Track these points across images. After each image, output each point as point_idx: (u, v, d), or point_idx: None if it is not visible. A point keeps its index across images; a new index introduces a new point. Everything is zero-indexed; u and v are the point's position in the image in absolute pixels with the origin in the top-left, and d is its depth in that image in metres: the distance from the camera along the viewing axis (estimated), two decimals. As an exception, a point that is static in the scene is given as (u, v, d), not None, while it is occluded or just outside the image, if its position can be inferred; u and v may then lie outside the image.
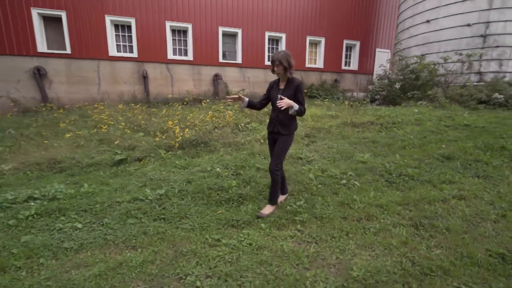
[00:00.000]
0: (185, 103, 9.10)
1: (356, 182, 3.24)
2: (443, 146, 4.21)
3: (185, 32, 10.34)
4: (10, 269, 2.02)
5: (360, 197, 2.86)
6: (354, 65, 13.12)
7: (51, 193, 3.01)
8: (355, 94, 11.48)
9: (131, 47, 9.77)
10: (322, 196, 2.93)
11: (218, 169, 3.66)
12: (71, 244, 2.27)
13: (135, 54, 9.66)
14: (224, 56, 10.92)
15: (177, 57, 10.24)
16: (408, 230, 2.28)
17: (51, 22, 9.05)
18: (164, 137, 4.65)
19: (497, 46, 7.86)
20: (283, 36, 11.45)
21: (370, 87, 9.08)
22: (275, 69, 2.52)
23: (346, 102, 7.78)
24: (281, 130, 2.58)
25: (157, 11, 9.64)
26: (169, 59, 10.08)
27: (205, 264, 1.98)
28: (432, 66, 7.58)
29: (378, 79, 9.39)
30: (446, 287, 1.62)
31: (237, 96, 2.69)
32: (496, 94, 6.40)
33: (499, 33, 7.83)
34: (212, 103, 8.34)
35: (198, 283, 1.80)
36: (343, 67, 12.85)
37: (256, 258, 2.01)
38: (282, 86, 2.59)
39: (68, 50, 8.93)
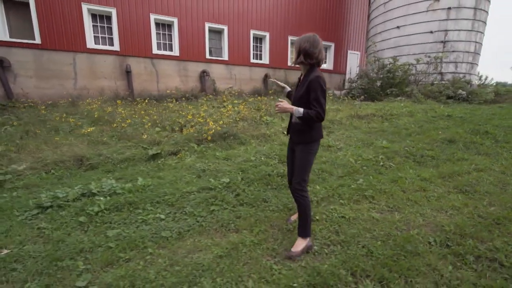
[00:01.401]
0: (173, 100, 8.78)
1: (391, 163, 3.70)
2: (440, 132, 4.96)
3: (170, 26, 9.95)
4: (118, 262, 1.92)
5: (404, 174, 3.30)
6: (329, 65, 14.09)
7: (107, 189, 2.81)
8: (331, 91, 12.37)
9: (111, 40, 9.05)
10: (371, 175, 3.30)
11: (262, 158, 3.79)
12: (167, 233, 2.22)
13: (116, 47, 8.98)
14: (210, 53, 10.79)
15: (163, 52, 9.80)
16: (459, 195, 2.77)
17: (16, 7, 7.90)
18: (191, 130, 4.55)
19: (454, 51, 9.34)
20: (267, 35, 11.77)
21: (353, 84, 9.92)
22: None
23: (345, 98, 8.40)
24: (295, 137, 2.04)
25: (140, 3, 9.10)
26: (154, 54, 9.59)
27: (317, 235, 2.15)
28: (407, 67, 8.67)
29: (357, 78, 10.31)
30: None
31: (282, 84, 2.39)
32: (460, 91, 7.67)
33: (454, 40, 9.31)
34: (208, 100, 8.23)
35: (325, 250, 1.98)
36: (321, 67, 13.68)
37: (359, 226, 2.25)
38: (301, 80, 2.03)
39: (38, 40, 7.90)
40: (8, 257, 1.95)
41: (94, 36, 8.83)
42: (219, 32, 10.94)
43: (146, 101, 7.60)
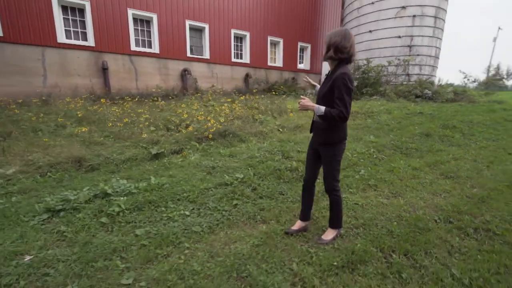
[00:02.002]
0: (155, 98, 8.50)
1: (382, 156, 4.08)
2: (416, 127, 5.54)
3: (148, 22, 9.58)
4: (157, 258, 1.94)
5: (396, 165, 3.68)
6: (306, 65, 14.64)
7: (121, 189, 2.74)
8: (309, 91, 12.90)
9: (85, 34, 8.46)
10: (370, 167, 3.62)
11: (266, 154, 3.93)
12: (198, 228, 2.26)
13: (91, 43, 8.42)
14: (191, 51, 10.61)
15: (142, 49, 9.41)
16: (447, 180, 3.18)
17: (-30, -6, 7.02)
18: (190, 129, 4.52)
19: (418, 55, 10.34)
20: (248, 34, 11.88)
21: (318, 86, 10.47)
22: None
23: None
24: (317, 137, 2.01)
25: (116, -4, 8.63)
26: (132, 51, 9.17)
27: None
28: (380, 68, 9.41)
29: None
30: (506, 207, 2.49)
31: (312, 82, 2.47)
32: (426, 90, 8.56)
33: (419, 44, 10.31)
34: (196, 98, 8.12)
35: (350, 233, 2.19)
36: (298, 67, 14.20)
37: (372, 211, 2.51)
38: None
39: (-1, 32, 7.13)
40: (35, 263, 1.85)
41: (66, 30, 8.19)
42: (200, 30, 10.80)
43: (136, 99, 7.26)
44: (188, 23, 10.21)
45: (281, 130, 5.23)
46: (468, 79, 13.13)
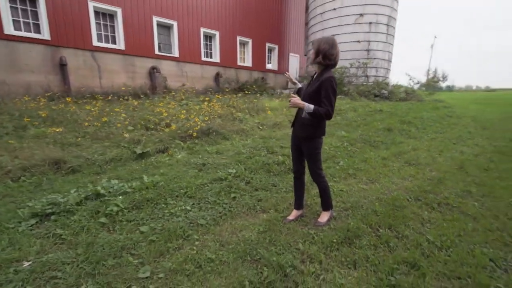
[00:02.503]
0: (123, 97, 8.09)
1: (355, 148, 4.53)
2: (379, 123, 6.21)
3: (112, 16, 9.01)
4: (168, 251, 1.99)
5: (368, 156, 4.14)
6: (274, 66, 15.11)
7: (114, 189, 2.66)
8: (278, 90, 13.38)
9: (38, 26, 7.65)
10: (346, 158, 4.02)
11: (252, 150, 4.09)
12: (203, 221, 2.35)
13: (46, 36, 7.64)
14: (159, 49, 10.24)
15: (105, 45, 8.81)
16: (411, 167, 3.71)
17: None
18: (173, 128, 4.46)
19: (375, 58, 11.43)
20: (217, 33, 11.86)
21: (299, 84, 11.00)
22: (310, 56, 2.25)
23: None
24: (300, 131, 2.21)
25: (75, -14, 7.96)
26: (94, 46, 8.54)
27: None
28: (343, 70, 10.20)
29: (302, 78, 11.48)
30: (458, 185, 3.03)
31: (295, 80, 2.52)
32: (383, 90, 9.55)
33: (375, 49, 11.40)
34: (170, 98, 7.91)
35: (342, 215, 2.48)
36: (267, 67, 14.58)
37: (356, 195, 2.85)
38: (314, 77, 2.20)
39: None
40: (37, 268, 1.76)
41: (14, 21, 7.30)
42: (168, 28, 10.48)
43: (108, 98, 6.80)
44: (155, 19, 9.84)
45: (261, 127, 5.43)
46: (413, 81, 14.95)
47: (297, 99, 2.08)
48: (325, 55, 2.02)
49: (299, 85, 2.52)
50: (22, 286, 1.62)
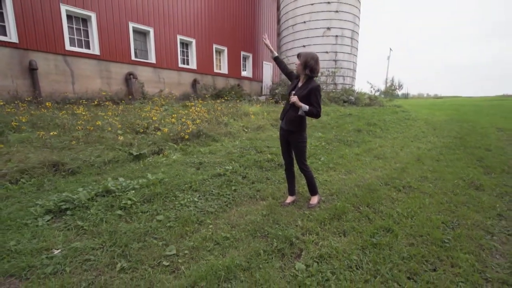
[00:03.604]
0: (100, 103, 7.93)
1: (332, 147, 5.12)
2: (350, 125, 6.96)
3: (86, 21, 8.81)
4: (187, 234, 2.25)
5: (344, 152, 4.73)
6: (249, 73, 15.66)
7: (122, 186, 2.83)
8: (254, 97, 13.92)
9: (4, 28, 7.24)
10: (326, 155, 4.56)
11: (242, 150, 4.45)
12: (211, 209, 2.65)
13: (13, 39, 7.26)
14: (136, 55, 10.16)
15: (79, 49, 8.57)
16: (379, 160, 4.35)
17: None
18: (165, 131, 4.64)
19: (342, 68, 12.54)
20: (193, 41, 12.08)
21: (276, 91, 11.63)
22: (296, 62, 2.60)
23: (270, 103, 9.82)
24: (289, 125, 2.62)
25: (46, -11, 7.71)
26: (67, 51, 8.27)
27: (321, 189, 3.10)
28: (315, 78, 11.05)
29: (277, 86, 12.16)
30: (417, 172, 3.68)
31: (271, 47, 2.85)
32: (351, 97, 10.55)
33: (341, 59, 12.53)
34: (153, 103, 7.94)
35: (329, 198, 2.94)
36: (242, 74, 15.08)
37: (337, 184, 3.34)
38: (300, 83, 2.62)
39: None
40: (69, 253, 1.93)
41: (-23, 22, 6.86)
42: (145, 34, 10.47)
43: (96, 103, 6.64)
44: (131, 25, 9.80)
45: (246, 130, 5.81)
46: (373, 89, 16.57)
47: (297, 99, 2.51)
48: (311, 69, 2.51)
49: (275, 53, 2.92)
50: (61, 267, 1.79)
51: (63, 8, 8.12)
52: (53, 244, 2.03)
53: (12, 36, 7.26)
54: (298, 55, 2.59)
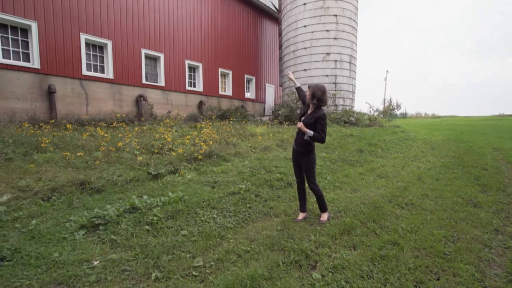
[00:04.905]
0: (105, 124, 8.30)
1: (336, 166, 5.38)
2: (352, 146, 7.26)
3: (102, 48, 9.45)
4: (210, 247, 2.47)
5: (348, 172, 4.99)
6: (252, 95, 16.28)
7: (146, 203, 3.06)
8: (258, 117, 14.39)
9: (27, 55, 7.81)
10: (331, 174, 4.82)
11: (253, 170, 4.71)
12: (230, 225, 2.87)
13: (35, 65, 7.80)
14: (146, 78, 10.74)
15: (94, 74, 9.11)
16: (382, 179, 4.60)
17: None
18: (180, 151, 4.93)
19: (341, 90, 13.11)
20: (200, 65, 12.76)
21: (279, 112, 12.07)
22: (307, 93, 2.94)
23: (274, 123, 10.20)
24: (299, 147, 2.92)
25: (69, 20, 8.39)
26: (84, 75, 8.80)
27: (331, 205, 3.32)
28: (316, 100, 11.55)
29: (280, 107, 12.65)
30: (418, 191, 3.92)
31: (293, 79, 3.30)
32: (351, 118, 10.96)
33: (341, 82, 13.13)
34: (165, 124, 8.31)
35: (337, 215, 3.16)
36: (246, 96, 15.68)
37: (344, 201, 3.57)
38: (309, 111, 2.92)
39: None
40: (108, 264, 2.13)
41: (4, 49, 7.41)
42: (155, 59, 11.13)
43: (105, 124, 6.99)
44: (143, 51, 10.46)
45: (253, 150, 6.11)
46: (372, 109, 17.12)
47: (302, 126, 2.84)
48: (319, 99, 2.84)
49: (298, 84, 3.31)
50: (103, 277, 1.99)
51: (83, 37, 8.77)
52: (91, 256, 2.24)
53: (35, 62, 7.80)
54: (309, 87, 2.96)
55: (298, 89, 3.28)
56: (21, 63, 7.63)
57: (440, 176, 4.79)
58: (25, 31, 7.79)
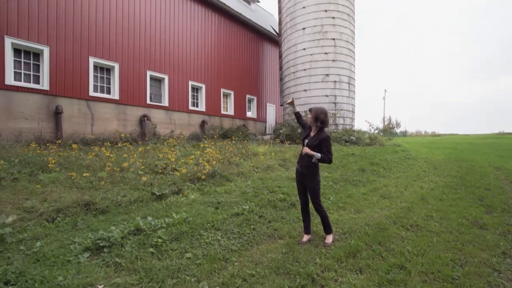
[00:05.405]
0: (110, 143, 8.40)
1: (339, 186, 5.39)
2: (354, 165, 7.29)
3: (109, 70, 9.80)
4: (215, 271, 2.44)
5: (351, 192, 4.98)
6: (253, 114, 16.55)
7: (151, 225, 3.06)
8: (259, 136, 14.53)
9: (37, 77, 8.10)
10: (334, 194, 4.82)
11: (256, 190, 4.72)
12: (234, 247, 2.85)
13: (45, 86, 8.06)
14: (151, 99, 11.02)
15: (100, 95, 9.38)
16: (385, 200, 4.59)
17: None
18: (184, 171, 4.97)
19: (341, 109, 13.35)
20: (203, 86, 13.12)
21: (280, 131, 12.22)
22: (308, 116, 3.04)
23: (275, 143, 10.31)
24: (304, 169, 2.97)
25: (79, 44, 8.79)
26: (90, 96, 9.06)
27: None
28: (317, 119, 11.73)
29: (281, 126, 12.83)
30: (422, 211, 3.90)
31: (292, 101, 3.32)
32: (352, 137, 11.08)
33: (340, 102, 13.41)
34: (168, 144, 8.41)
35: (342, 237, 3.13)
36: (247, 115, 15.94)
37: (349, 223, 3.55)
38: (312, 134, 3.01)
39: None
40: (112, 288, 2.11)
41: (16, 72, 7.70)
42: (160, 80, 11.48)
43: (110, 144, 7.10)
44: (149, 73, 10.82)
45: (256, 170, 6.14)
46: (372, 127, 17.29)
47: (309, 150, 2.90)
48: (323, 121, 2.94)
49: (297, 109, 3.39)
50: (108, 302, 1.97)
51: (92, 60, 9.13)
52: (95, 279, 2.22)
53: (45, 84, 8.07)
54: (310, 110, 3.07)
55: (297, 114, 3.36)
56: (31, 85, 7.90)
57: (444, 197, 4.78)
58: (37, 55, 8.13)
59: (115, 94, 9.78)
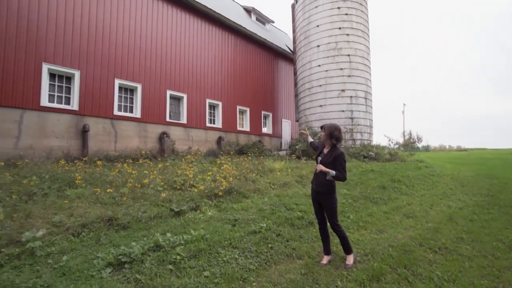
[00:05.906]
0: (131, 160, 8.71)
1: (359, 204, 5.21)
2: (373, 182, 7.05)
3: (132, 90, 10.40)
4: (237, 283, 2.40)
5: (372, 210, 4.80)
6: (269, 130, 16.67)
7: (171, 241, 3.10)
8: (275, 152, 14.51)
9: (68, 99, 8.74)
10: (354, 213, 4.65)
11: (272, 207, 4.67)
12: (252, 267, 2.80)
13: (74, 107, 8.67)
14: (170, 116, 11.47)
15: (123, 114, 9.92)
16: (410, 219, 4.36)
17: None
18: (202, 188, 5.05)
19: (358, 125, 13.14)
20: (220, 104, 13.50)
21: (296, 147, 12.16)
22: (321, 133, 3.06)
23: (292, 159, 10.25)
24: (319, 188, 2.91)
25: (106, 68, 9.47)
26: (115, 115, 9.59)
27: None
28: (333, 134, 11.60)
29: (297, 141, 12.79)
30: (451, 233, 3.67)
31: (306, 133, 3.60)
32: (370, 152, 10.80)
33: (357, 117, 13.23)
34: (186, 160, 8.62)
35: (364, 259, 2.99)
36: (263, 131, 16.08)
37: (371, 243, 3.40)
38: (325, 151, 2.98)
39: (-23, 94, 7.01)
40: (132, 306, 2.13)
41: (50, 95, 8.38)
42: (179, 99, 11.97)
43: (131, 161, 7.42)
44: (169, 92, 11.35)
45: (272, 187, 6.10)
46: (391, 142, 16.73)
47: (323, 168, 2.86)
48: (336, 138, 2.93)
49: (311, 139, 3.51)
50: (128, 320, 1.99)
51: (117, 82, 9.76)
52: (117, 296, 2.26)
53: (74, 105, 8.68)
54: (322, 127, 3.08)
55: (312, 144, 3.42)
56: (62, 105, 8.52)
57: (475, 217, 4.47)
58: (69, 78, 8.83)
59: (137, 113, 10.29)
